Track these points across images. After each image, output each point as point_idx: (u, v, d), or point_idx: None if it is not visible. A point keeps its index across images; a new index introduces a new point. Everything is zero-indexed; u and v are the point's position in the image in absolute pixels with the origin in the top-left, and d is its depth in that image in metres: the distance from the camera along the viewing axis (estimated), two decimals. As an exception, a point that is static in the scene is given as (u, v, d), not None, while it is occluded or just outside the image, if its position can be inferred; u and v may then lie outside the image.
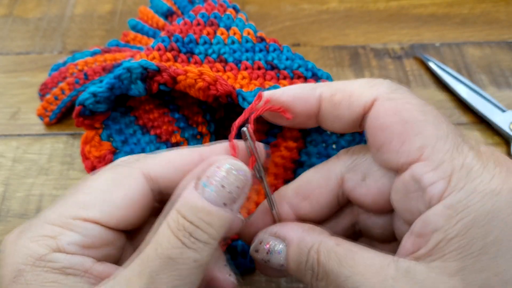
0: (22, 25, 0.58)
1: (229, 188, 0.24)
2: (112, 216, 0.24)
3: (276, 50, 0.40)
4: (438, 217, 0.22)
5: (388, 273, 0.23)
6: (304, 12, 0.58)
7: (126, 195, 0.24)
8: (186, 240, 0.22)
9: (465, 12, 0.57)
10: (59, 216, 0.24)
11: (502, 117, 0.45)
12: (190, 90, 0.37)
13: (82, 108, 0.37)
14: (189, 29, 0.40)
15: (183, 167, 0.26)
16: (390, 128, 0.24)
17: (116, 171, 0.25)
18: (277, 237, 0.27)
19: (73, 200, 0.24)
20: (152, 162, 0.26)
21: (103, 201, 0.24)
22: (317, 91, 0.27)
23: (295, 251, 0.26)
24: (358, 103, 0.25)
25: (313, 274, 0.25)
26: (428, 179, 0.23)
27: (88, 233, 0.24)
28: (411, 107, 0.25)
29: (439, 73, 0.50)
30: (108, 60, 0.47)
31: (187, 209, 0.23)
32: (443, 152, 0.23)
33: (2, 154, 0.46)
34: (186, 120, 0.41)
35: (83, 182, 0.25)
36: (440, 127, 0.24)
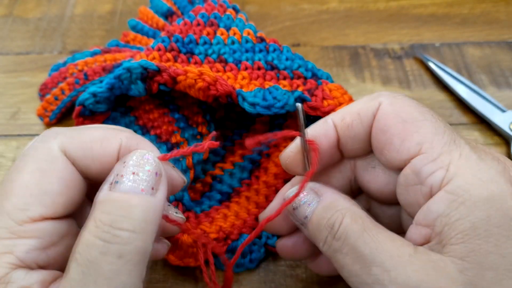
0: (22, 25, 0.58)
1: (141, 173, 0.23)
2: (56, 205, 0.23)
3: (276, 50, 0.40)
4: (439, 203, 0.23)
5: (406, 251, 0.23)
6: (304, 12, 0.58)
7: (59, 179, 0.23)
8: (106, 236, 0.21)
9: (465, 12, 0.57)
10: (2, 228, 0.22)
11: (502, 117, 0.45)
12: (190, 90, 0.37)
13: (82, 108, 0.37)
14: (189, 29, 0.40)
15: (102, 156, 0.24)
16: (390, 129, 0.26)
17: (37, 158, 0.23)
18: (315, 192, 0.28)
19: (8, 206, 0.22)
20: (71, 142, 0.24)
21: (41, 194, 0.22)
22: (329, 122, 0.28)
23: (324, 207, 0.27)
24: (367, 116, 0.27)
25: (331, 232, 0.25)
26: (427, 170, 0.24)
27: (42, 233, 0.22)
28: (410, 108, 0.26)
29: (439, 73, 0.50)
30: (108, 60, 0.47)
31: (104, 206, 0.22)
32: (441, 145, 0.24)
33: (2, 154, 0.46)
34: (186, 120, 0.41)
35: (7, 183, 0.23)
36: (437, 124, 0.25)
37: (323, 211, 0.27)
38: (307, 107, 0.36)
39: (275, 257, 0.39)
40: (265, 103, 0.35)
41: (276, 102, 0.35)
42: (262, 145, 0.43)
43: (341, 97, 0.37)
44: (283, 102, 0.35)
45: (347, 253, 0.25)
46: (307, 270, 0.38)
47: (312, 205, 0.27)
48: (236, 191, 0.41)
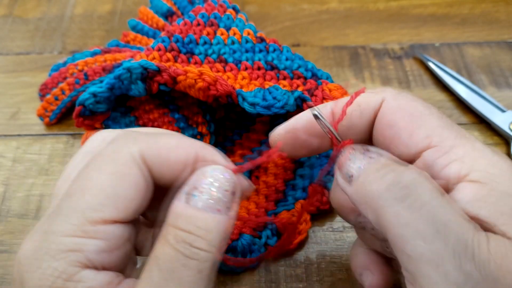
0: (22, 25, 0.58)
1: (218, 193, 0.24)
2: (128, 210, 0.23)
3: (276, 51, 0.40)
4: (465, 193, 0.22)
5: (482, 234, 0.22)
6: (304, 12, 0.58)
7: (135, 185, 0.23)
8: (187, 252, 0.22)
9: (465, 12, 0.57)
10: (75, 225, 0.22)
11: (502, 117, 0.45)
12: (190, 90, 0.37)
13: (82, 109, 0.37)
14: (189, 29, 0.40)
15: (178, 164, 0.24)
16: (397, 123, 0.25)
17: (117, 161, 0.23)
18: (367, 151, 0.25)
19: (84, 204, 0.22)
20: (150, 147, 0.24)
21: (116, 198, 0.23)
22: (327, 107, 0.28)
23: (391, 157, 0.24)
24: (368, 109, 0.26)
25: (396, 178, 0.22)
26: (441, 163, 0.23)
27: (111, 236, 0.22)
28: (415, 103, 0.26)
29: (439, 73, 0.50)
30: (108, 61, 0.47)
31: (183, 220, 0.23)
32: (452, 138, 0.24)
33: (2, 154, 0.46)
34: (186, 120, 0.41)
35: (84, 180, 0.23)
36: (444, 119, 0.25)
37: (390, 157, 0.24)
38: (307, 107, 0.36)
39: (275, 257, 0.39)
40: (265, 103, 0.35)
41: (276, 102, 0.35)
42: (262, 145, 0.43)
43: (341, 97, 0.37)
44: (283, 102, 0.35)
45: (416, 208, 0.21)
46: (307, 270, 0.38)
47: (361, 167, 0.24)
48: (236, 191, 0.41)
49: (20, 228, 0.41)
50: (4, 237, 0.40)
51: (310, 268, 0.38)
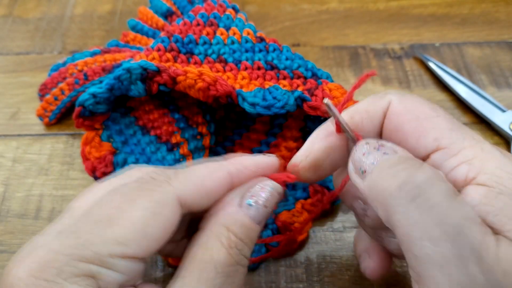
0: (22, 25, 0.58)
1: (269, 207, 0.26)
2: (150, 250, 0.23)
3: (275, 50, 0.40)
4: (472, 195, 0.22)
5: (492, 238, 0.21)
6: (304, 12, 0.58)
7: (164, 227, 0.23)
8: (237, 258, 0.24)
9: (465, 12, 0.57)
10: (95, 253, 0.21)
11: (502, 117, 0.45)
12: (190, 90, 0.37)
13: (82, 109, 0.37)
14: (188, 29, 0.40)
15: (215, 190, 0.25)
16: (404, 127, 0.25)
17: (151, 198, 0.23)
18: (382, 146, 0.25)
19: (110, 234, 0.22)
20: (185, 186, 0.24)
21: (144, 237, 0.22)
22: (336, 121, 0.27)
23: (404, 156, 0.24)
24: (377, 114, 0.26)
25: (409, 178, 0.22)
26: (449, 165, 0.23)
27: (128, 270, 0.22)
28: (421, 105, 0.25)
29: (439, 73, 0.50)
30: (108, 61, 0.47)
31: (237, 227, 0.24)
32: (460, 140, 0.23)
33: (2, 154, 0.46)
34: (186, 121, 0.41)
35: (116, 210, 0.22)
36: (452, 120, 0.25)
37: (407, 154, 0.24)
38: (307, 107, 0.36)
39: (275, 257, 0.39)
40: (265, 103, 0.35)
41: (276, 102, 0.35)
42: (262, 145, 0.43)
43: (341, 97, 0.37)
44: (283, 102, 0.35)
45: (427, 209, 0.21)
46: (307, 270, 0.38)
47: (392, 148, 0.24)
48: (236, 191, 0.41)
49: (19, 228, 0.41)
50: (4, 237, 0.40)
51: (310, 268, 0.38)
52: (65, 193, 0.43)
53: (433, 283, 0.21)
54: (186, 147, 0.40)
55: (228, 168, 0.26)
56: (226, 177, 0.26)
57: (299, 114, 0.42)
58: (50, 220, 0.41)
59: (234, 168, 0.26)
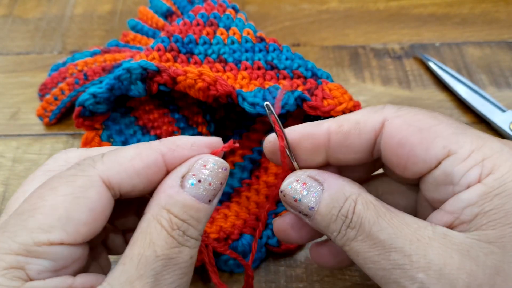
0: (22, 25, 0.58)
1: (214, 185, 0.25)
2: (78, 234, 0.22)
3: (275, 50, 0.40)
4: (472, 194, 0.23)
5: (424, 233, 0.23)
6: (304, 12, 0.58)
7: (91, 209, 0.23)
8: (181, 239, 0.23)
9: (465, 12, 0.57)
10: (20, 244, 0.21)
11: (502, 117, 0.45)
12: (190, 90, 0.37)
13: (82, 109, 0.37)
14: (188, 29, 0.40)
15: (145, 171, 0.24)
16: (409, 141, 0.24)
17: (74, 184, 0.23)
18: (316, 180, 0.26)
19: (33, 223, 0.22)
20: (111, 167, 0.24)
21: (67, 220, 0.22)
22: (324, 125, 0.27)
23: (332, 196, 0.25)
24: (368, 128, 0.26)
25: (345, 221, 0.24)
26: (460, 170, 0.23)
27: (57, 257, 0.22)
28: (421, 116, 0.25)
29: (439, 73, 0.50)
30: (108, 61, 0.47)
31: (178, 208, 0.23)
32: (468, 143, 0.23)
33: (2, 154, 0.46)
34: (186, 121, 0.41)
35: (37, 199, 0.23)
36: (455, 124, 0.25)
37: (332, 200, 0.25)
38: (307, 107, 0.36)
39: (276, 257, 0.39)
40: (265, 103, 0.35)
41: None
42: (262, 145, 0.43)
43: (341, 96, 0.37)
44: (283, 102, 0.35)
45: (363, 240, 0.24)
46: (307, 270, 0.38)
47: (316, 195, 0.25)
48: (236, 191, 0.41)
49: (20, 228, 0.41)
50: None
51: (310, 268, 0.38)
52: (65, 193, 0.43)
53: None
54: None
55: (159, 148, 0.25)
56: (157, 157, 0.25)
57: (299, 114, 0.42)
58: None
59: (166, 147, 0.25)
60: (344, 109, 0.36)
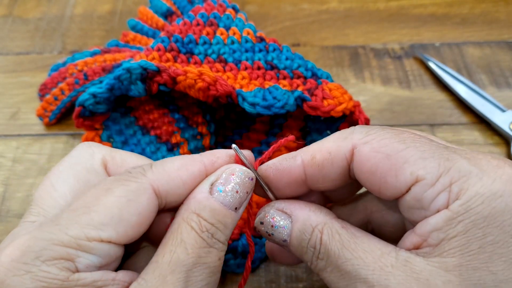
0: (22, 25, 0.58)
1: (241, 193, 0.26)
2: (126, 235, 0.24)
3: (275, 50, 0.40)
4: (438, 219, 0.23)
5: (388, 261, 0.24)
6: (304, 12, 0.58)
7: (140, 214, 0.24)
8: (210, 241, 0.25)
9: (465, 12, 0.57)
10: (72, 237, 0.23)
11: (502, 117, 0.45)
12: (190, 90, 0.37)
13: (82, 109, 0.37)
14: (188, 29, 0.40)
15: (190, 181, 0.26)
16: (378, 169, 0.25)
17: (127, 188, 0.25)
18: (284, 212, 0.27)
19: (86, 219, 0.23)
20: (160, 177, 0.26)
21: (119, 221, 0.24)
22: (297, 159, 0.27)
23: (300, 228, 0.26)
24: (339, 157, 0.26)
25: (314, 252, 0.26)
26: (429, 197, 0.24)
27: (104, 253, 0.23)
28: (388, 141, 0.25)
29: (439, 73, 0.50)
30: (108, 61, 0.47)
31: (207, 212, 0.25)
32: (436, 167, 0.24)
33: (2, 154, 0.46)
34: (186, 121, 0.41)
35: (93, 198, 0.24)
36: (422, 147, 0.24)
37: (300, 232, 0.26)
38: (307, 107, 0.36)
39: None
40: (265, 103, 0.35)
41: (276, 102, 0.35)
42: (263, 145, 0.43)
43: (341, 96, 0.37)
44: (283, 102, 0.35)
45: (331, 271, 0.25)
46: (307, 270, 0.38)
47: (286, 228, 0.27)
48: (236, 191, 0.41)
49: (20, 228, 0.41)
50: (4, 237, 0.40)
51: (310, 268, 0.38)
52: (65, 193, 0.43)
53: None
54: (186, 147, 0.40)
55: (201, 160, 0.27)
56: (201, 168, 0.27)
57: (299, 114, 0.42)
58: (50, 220, 0.41)
59: (207, 159, 0.27)
60: (344, 109, 0.36)
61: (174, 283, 0.23)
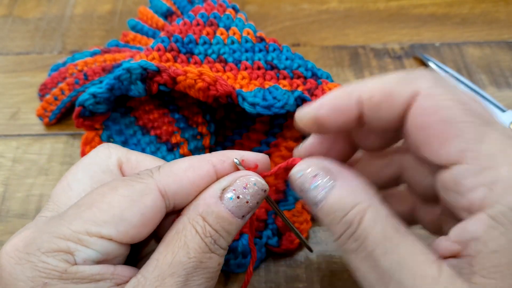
0: (22, 25, 0.58)
1: (251, 203, 0.26)
2: (127, 234, 0.24)
3: (275, 50, 0.40)
4: (477, 226, 0.21)
5: (429, 271, 0.21)
6: (304, 12, 0.58)
7: (143, 214, 0.24)
8: (212, 247, 0.25)
9: (465, 12, 0.57)
10: (73, 232, 0.23)
11: (502, 117, 0.45)
12: (190, 90, 0.37)
13: (82, 109, 0.37)
14: (188, 29, 0.40)
15: (198, 182, 0.26)
16: (429, 128, 0.22)
17: (132, 188, 0.25)
18: (330, 173, 0.25)
19: (89, 215, 0.24)
20: (167, 178, 0.26)
21: (120, 220, 0.24)
22: (353, 95, 0.24)
23: (342, 197, 0.24)
24: (399, 102, 0.23)
25: (348, 230, 0.23)
26: (468, 184, 0.21)
27: (103, 250, 0.24)
28: (453, 104, 0.22)
29: (439, 73, 0.50)
30: (108, 61, 0.47)
31: (213, 218, 0.25)
32: (486, 157, 0.21)
33: (2, 154, 0.46)
34: (186, 121, 0.41)
35: (98, 195, 0.25)
36: (483, 129, 0.22)
37: (339, 202, 0.24)
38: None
39: (276, 257, 0.39)
40: (265, 103, 0.35)
41: (276, 102, 0.35)
42: (263, 145, 0.43)
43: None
44: (283, 102, 0.35)
45: (363, 258, 0.23)
46: (307, 270, 0.38)
47: (325, 192, 0.24)
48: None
49: (19, 228, 0.41)
50: (4, 237, 0.40)
51: (310, 268, 0.38)
52: (65, 193, 0.43)
53: None
54: (186, 147, 0.40)
55: (211, 160, 0.26)
56: (209, 168, 0.26)
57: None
58: (50, 220, 0.41)
59: (217, 159, 0.26)
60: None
61: (172, 286, 0.23)
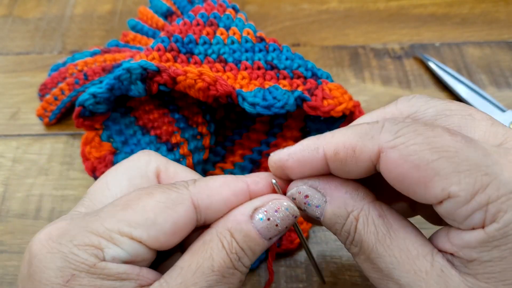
0: (22, 25, 0.58)
1: (280, 227, 0.26)
2: (157, 240, 0.25)
3: (275, 50, 0.40)
4: (472, 238, 0.22)
5: (423, 265, 0.23)
6: (304, 12, 0.58)
7: (174, 223, 0.25)
8: (236, 263, 0.25)
9: (465, 12, 0.57)
10: (106, 229, 0.24)
11: (502, 117, 0.45)
12: (190, 90, 0.37)
13: (82, 109, 0.37)
14: (188, 29, 0.40)
15: (231, 199, 0.26)
16: (406, 177, 0.23)
17: (168, 196, 0.25)
18: (319, 191, 0.26)
19: (123, 216, 0.24)
20: (201, 192, 0.26)
21: (152, 224, 0.24)
22: (319, 151, 0.25)
23: (334, 211, 0.26)
24: (364, 158, 0.24)
25: (348, 238, 0.25)
26: (462, 214, 0.22)
27: (132, 251, 0.24)
28: (418, 147, 0.22)
29: (439, 73, 0.50)
30: (108, 61, 0.47)
31: (241, 236, 0.25)
32: (471, 184, 0.21)
33: (2, 154, 0.46)
34: (186, 121, 0.41)
35: (134, 198, 0.25)
36: (457, 158, 0.22)
37: (334, 216, 0.25)
38: (307, 107, 0.36)
39: (276, 257, 0.39)
40: (265, 103, 0.35)
41: (276, 102, 0.35)
42: (262, 145, 0.43)
43: (341, 96, 0.37)
44: (283, 102, 0.35)
45: (364, 260, 0.25)
46: (307, 270, 0.38)
47: (320, 207, 0.26)
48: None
49: (19, 228, 0.41)
50: (4, 237, 0.40)
51: (310, 268, 0.38)
52: (65, 193, 0.43)
53: None
54: (186, 147, 0.40)
55: (245, 179, 0.27)
56: (243, 187, 0.27)
57: (299, 114, 0.42)
58: (50, 220, 0.41)
59: (252, 180, 0.27)
60: (344, 109, 0.36)
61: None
